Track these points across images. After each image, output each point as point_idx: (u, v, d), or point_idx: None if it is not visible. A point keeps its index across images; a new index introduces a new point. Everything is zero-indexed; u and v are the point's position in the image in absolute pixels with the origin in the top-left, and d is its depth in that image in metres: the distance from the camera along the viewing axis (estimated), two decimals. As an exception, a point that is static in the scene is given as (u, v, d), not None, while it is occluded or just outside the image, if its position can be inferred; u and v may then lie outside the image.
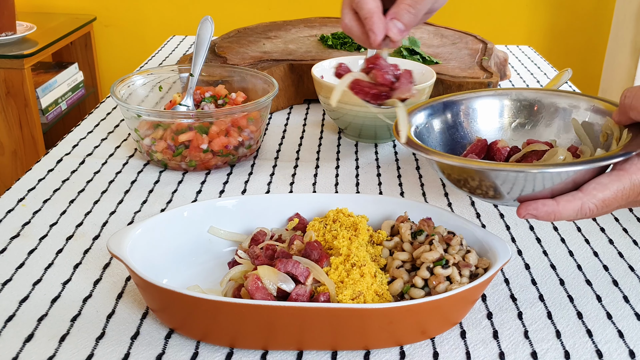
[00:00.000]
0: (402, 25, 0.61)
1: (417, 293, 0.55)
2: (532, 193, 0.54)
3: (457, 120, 0.70)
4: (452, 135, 0.69)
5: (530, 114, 0.70)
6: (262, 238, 0.61)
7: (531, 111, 0.70)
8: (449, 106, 0.69)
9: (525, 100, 0.70)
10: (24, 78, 1.86)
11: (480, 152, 0.67)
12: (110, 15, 2.35)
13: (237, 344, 0.53)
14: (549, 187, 0.54)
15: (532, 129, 0.70)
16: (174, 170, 0.85)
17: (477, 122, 0.70)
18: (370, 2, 0.60)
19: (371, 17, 0.60)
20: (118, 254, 0.54)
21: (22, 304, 0.58)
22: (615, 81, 2.21)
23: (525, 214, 0.55)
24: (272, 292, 0.53)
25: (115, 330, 0.55)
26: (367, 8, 0.60)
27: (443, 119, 0.69)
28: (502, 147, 0.67)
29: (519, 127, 0.70)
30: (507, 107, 0.71)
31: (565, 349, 0.54)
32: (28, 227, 0.71)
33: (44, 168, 0.85)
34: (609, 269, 0.66)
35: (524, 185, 0.54)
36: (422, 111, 0.68)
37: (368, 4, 0.60)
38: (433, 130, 0.68)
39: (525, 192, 0.54)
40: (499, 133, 0.71)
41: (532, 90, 0.71)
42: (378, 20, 0.60)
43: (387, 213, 0.65)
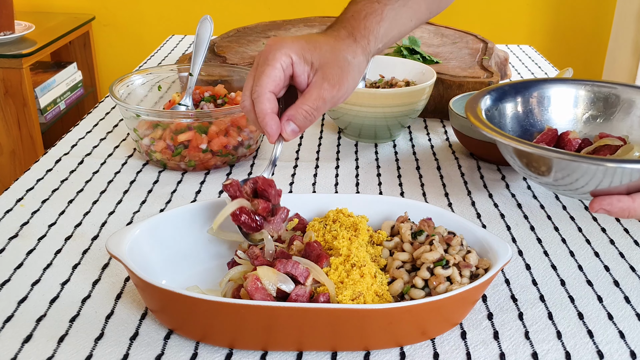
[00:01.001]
0: (296, 127, 0.63)
1: (417, 293, 0.55)
2: (608, 188, 0.54)
3: (528, 107, 0.69)
4: (521, 122, 0.68)
5: (605, 107, 0.69)
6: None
7: (606, 104, 0.69)
8: (521, 91, 0.68)
9: (600, 92, 0.69)
10: (23, 78, 1.86)
11: (550, 142, 0.66)
12: (109, 14, 2.35)
13: (236, 345, 0.53)
14: (625, 183, 0.53)
15: (605, 123, 0.69)
16: (173, 170, 0.85)
17: (549, 110, 0.69)
18: (265, 102, 0.61)
19: (263, 118, 0.61)
20: (117, 254, 0.54)
21: (20, 305, 0.58)
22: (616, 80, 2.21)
23: (598, 208, 0.54)
24: (271, 292, 0.53)
25: (114, 331, 0.55)
26: (260, 108, 0.61)
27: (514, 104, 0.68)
28: (574, 139, 0.65)
29: (590, 119, 0.70)
30: (582, 98, 0.69)
31: (566, 349, 0.54)
32: (26, 227, 0.70)
33: (43, 168, 0.84)
34: (610, 269, 0.66)
35: (601, 179, 0.53)
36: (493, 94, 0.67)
37: (262, 104, 0.61)
38: (503, 115, 0.67)
39: (601, 186, 0.54)
40: (570, 124, 0.69)
41: (610, 83, 0.70)
42: (271, 121, 0.61)
43: (387, 213, 0.65)
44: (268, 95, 0.61)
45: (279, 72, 0.61)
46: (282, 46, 0.61)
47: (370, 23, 0.67)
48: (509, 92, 0.68)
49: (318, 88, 0.62)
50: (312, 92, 0.62)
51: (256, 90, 0.61)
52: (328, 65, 0.63)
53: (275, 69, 0.61)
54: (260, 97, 0.61)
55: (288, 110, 0.62)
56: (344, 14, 0.69)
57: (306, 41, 0.63)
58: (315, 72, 0.63)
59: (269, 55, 0.61)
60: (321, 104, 0.62)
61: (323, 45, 0.63)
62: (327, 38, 0.65)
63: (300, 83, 0.63)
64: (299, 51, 0.62)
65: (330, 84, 0.62)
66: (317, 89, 0.62)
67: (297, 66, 0.62)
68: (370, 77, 1.04)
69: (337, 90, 0.63)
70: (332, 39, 0.65)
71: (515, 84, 0.69)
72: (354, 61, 0.65)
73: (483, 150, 0.87)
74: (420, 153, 0.92)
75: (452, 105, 0.90)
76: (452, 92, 1.01)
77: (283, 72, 0.61)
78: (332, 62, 0.63)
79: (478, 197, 0.79)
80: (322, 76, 0.62)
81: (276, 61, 0.61)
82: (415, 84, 0.98)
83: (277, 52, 0.61)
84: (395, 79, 1.02)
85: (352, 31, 0.66)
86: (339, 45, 0.64)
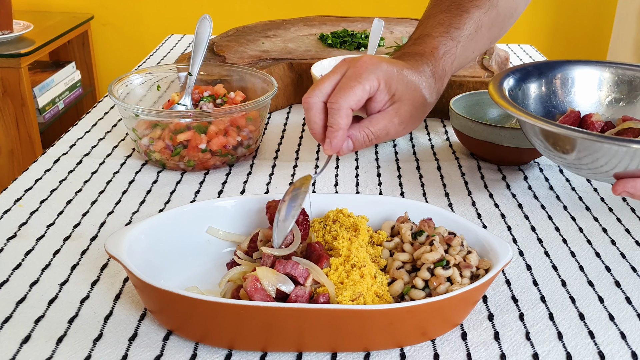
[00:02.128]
0: (352, 147, 0.64)
1: (417, 294, 0.55)
2: (632, 170, 0.53)
3: (551, 88, 0.68)
4: (544, 103, 0.68)
5: (629, 90, 0.69)
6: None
7: (630, 87, 0.69)
8: (544, 72, 0.68)
9: (624, 75, 0.69)
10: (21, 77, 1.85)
11: (572, 124, 0.65)
12: (108, 13, 2.35)
13: (236, 346, 0.53)
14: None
15: (628, 106, 0.68)
16: (172, 171, 0.84)
17: (571, 92, 0.69)
18: (343, 116, 0.61)
19: (336, 131, 0.61)
20: (115, 254, 0.54)
21: (18, 305, 0.58)
22: (618, 80, 2.21)
23: (621, 191, 0.55)
24: (271, 293, 0.52)
25: (113, 331, 0.55)
26: (337, 121, 0.61)
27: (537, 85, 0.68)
28: (596, 121, 0.65)
29: (613, 102, 0.69)
30: (606, 80, 0.69)
31: (567, 350, 0.54)
32: (25, 227, 0.70)
33: (41, 168, 0.84)
34: (611, 269, 0.65)
35: (626, 161, 0.53)
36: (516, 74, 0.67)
37: (340, 118, 0.61)
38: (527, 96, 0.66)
39: (625, 168, 0.53)
40: (593, 106, 0.69)
41: (635, 65, 0.69)
42: (341, 137, 0.62)
43: (387, 213, 0.64)
44: (348, 112, 0.61)
45: (364, 93, 0.62)
46: (377, 68, 0.62)
47: (447, 63, 0.68)
48: (532, 73, 0.67)
49: (388, 120, 0.63)
50: (380, 121, 0.63)
51: (338, 102, 0.61)
52: (407, 101, 0.64)
53: (363, 89, 0.61)
54: (340, 111, 0.61)
55: (351, 129, 0.63)
56: (423, 47, 0.68)
57: (397, 70, 0.63)
58: (392, 102, 0.63)
59: (363, 73, 0.62)
60: (383, 135, 0.64)
61: (410, 79, 0.64)
62: (414, 72, 0.65)
63: (373, 108, 0.63)
64: (388, 79, 0.62)
65: (400, 120, 0.64)
66: (386, 120, 0.63)
67: (380, 93, 0.63)
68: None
69: (404, 128, 0.64)
70: (418, 74, 0.65)
71: (538, 64, 0.68)
72: (427, 104, 0.66)
73: (483, 150, 0.86)
74: (421, 153, 0.92)
75: (453, 105, 0.89)
76: (453, 92, 1.01)
77: (368, 95, 0.62)
78: (412, 99, 0.64)
79: (478, 197, 0.79)
80: (396, 110, 0.63)
81: (366, 82, 0.61)
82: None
83: (371, 74, 0.61)
84: (395, 78, 1.01)
85: (434, 70, 0.67)
86: (422, 83, 0.65)
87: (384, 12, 2.29)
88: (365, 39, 1.21)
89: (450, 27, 0.68)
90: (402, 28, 1.31)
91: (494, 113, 0.95)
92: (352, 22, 1.36)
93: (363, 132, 0.63)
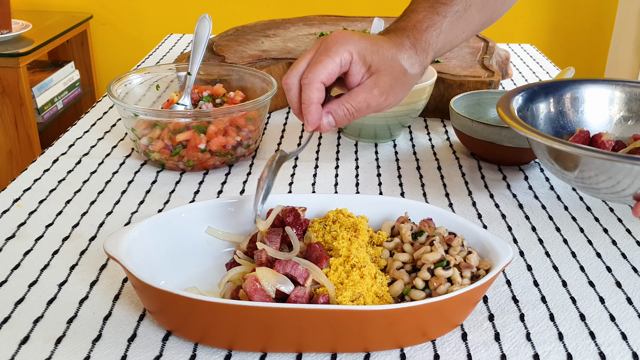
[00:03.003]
0: (334, 122, 0.63)
1: (417, 294, 0.55)
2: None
3: (559, 108, 0.68)
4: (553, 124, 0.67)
5: (638, 108, 0.68)
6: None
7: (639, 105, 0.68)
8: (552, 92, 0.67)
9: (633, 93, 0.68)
10: (20, 77, 1.85)
11: (582, 144, 0.64)
12: (107, 13, 2.34)
13: (235, 346, 0.53)
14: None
15: (637, 124, 0.67)
16: (171, 171, 0.84)
17: (580, 112, 0.68)
18: (314, 90, 0.61)
19: (308, 105, 0.61)
20: (115, 255, 0.54)
21: (17, 306, 0.57)
22: (619, 79, 2.21)
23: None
24: (270, 294, 0.52)
25: (112, 332, 0.55)
26: (308, 95, 0.61)
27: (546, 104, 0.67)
28: (607, 141, 0.64)
29: (621, 120, 0.69)
30: (615, 99, 0.68)
31: (567, 351, 0.54)
32: (23, 227, 0.70)
33: (40, 168, 0.84)
34: (612, 270, 0.65)
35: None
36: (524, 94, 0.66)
37: (311, 92, 0.61)
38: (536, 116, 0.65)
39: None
40: (603, 126, 0.68)
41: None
42: (314, 110, 0.61)
43: (387, 213, 0.64)
44: (318, 85, 0.61)
45: (335, 66, 0.61)
46: (347, 41, 0.61)
47: (431, 36, 0.67)
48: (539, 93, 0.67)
49: (367, 92, 0.62)
50: (359, 94, 0.62)
51: (308, 77, 0.61)
52: (385, 72, 0.63)
53: (334, 62, 0.61)
54: (310, 85, 0.61)
55: (330, 103, 0.62)
56: (405, 22, 0.68)
57: (370, 43, 0.62)
58: (370, 75, 0.62)
59: (332, 46, 0.61)
60: (364, 107, 0.63)
61: (386, 51, 0.63)
62: (390, 44, 0.64)
63: (352, 82, 0.63)
64: (362, 51, 0.61)
65: (380, 91, 0.62)
66: (365, 92, 0.62)
67: (354, 65, 0.62)
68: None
69: (385, 99, 0.63)
70: (395, 46, 0.64)
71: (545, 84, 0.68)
72: (409, 73, 0.65)
73: (484, 150, 0.86)
74: (421, 153, 0.91)
75: (453, 105, 0.89)
76: (453, 92, 1.01)
77: (339, 68, 0.61)
78: (390, 69, 0.63)
79: (479, 198, 0.79)
80: (374, 81, 0.62)
81: (337, 55, 0.61)
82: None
83: (341, 47, 0.61)
84: (395, 78, 1.01)
85: (415, 42, 0.66)
86: (401, 54, 0.64)
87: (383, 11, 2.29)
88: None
89: (435, 3, 0.68)
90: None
91: (494, 113, 0.95)
92: (352, 21, 1.36)
93: (343, 106, 0.62)
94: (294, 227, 0.59)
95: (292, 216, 0.60)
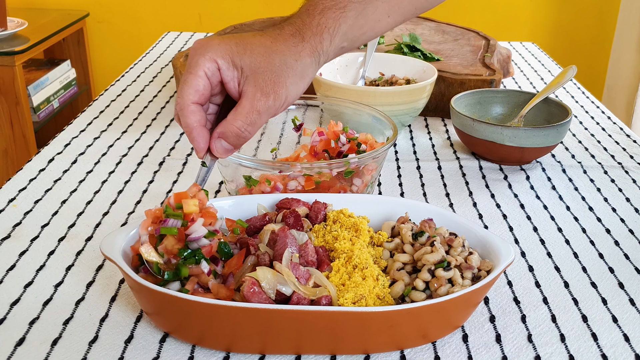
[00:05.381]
0: (229, 146, 0.58)
1: (418, 296, 0.54)
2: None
3: None
4: None
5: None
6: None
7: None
8: None
9: None
10: (15, 75, 1.84)
11: None
12: (104, 11, 2.33)
13: (233, 348, 0.52)
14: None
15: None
16: (168, 170, 0.84)
17: None
18: (189, 115, 0.56)
19: (190, 132, 0.57)
20: (111, 255, 0.53)
21: (13, 307, 0.57)
22: (621, 78, 2.21)
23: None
24: (270, 295, 0.52)
25: (109, 334, 0.54)
26: (185, 122, 0.56)
27: None
28: None
29: None
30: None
31: (569, 352, 0.53)
32: (19, 228, 0.69)
33: (35, 168, 0.83)
34: (614, 271, 0.65)
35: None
36: None
37: (186, 118, 0.56)
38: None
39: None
40: None
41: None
42: (197, 136, 0.56)
43: (387, 214, 0.64)
44: (192, 108, 0.56)
45: (202, 80, 0.55)
46: (207, 50, 0.56)
47: (327, 19, 0.60)
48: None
49: (250, 99, 0.56)
50: (244, 105, 0.56)
51: (179, 103, 0.56)
52: (260, 71, 0.56)
53: (199, 77, 0.55)
54: (184, 111, 0.56)
55: (219, 127, 0.57)
56: (299, 10, 0.62)
57: (236, 43, 0.57)
58: (245, 78, 0.56)
59: (192, 60, 0.56)
60: (255, 118, 0.56)
61: (256, 48, 0.57)
62: (263, 39, 0.58)
63: (231, 90, 0.57)
64: (226, 55, 0.56)
65: (263, 93, 0.56)
66: (249, 100, 0.56)
67: (224, 72, 0.56)
68: (370, 75, 1.03)
69: (273, 100, 0.56)
70: (270, 39, 0.58)
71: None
72: (295, 64, 0.58)
73: (485, 150, 0.86)
74: (421, 152, 0.91)
75: (454, 104, 0.89)
76: (454, 90, 1.00)
77: (208, 81, 0.56)
78: (265, 67, 0.56)
79: (480, 198, 0.79)
80: (253, 84, 0.56)
81: (199, 68, 0.55)
82: (415, 82, 0.98)
83: (201, 58, 0.55)
84: (396, 77, 1.01)
85: (300, 28, 0.59)
86: (277, 47, 0.58)
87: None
88: (363, 37, 1.20)
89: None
90: (402, 25, 1.31)
91: (495, 112, 0.95)
92: (350, 20, 1.35)
93: (232, 126, 0.56)
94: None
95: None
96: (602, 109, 1.09)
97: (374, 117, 0.78)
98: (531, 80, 1.23)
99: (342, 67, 1.02)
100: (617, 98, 2.23)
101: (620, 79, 2.21)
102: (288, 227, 0.58)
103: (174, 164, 0.86)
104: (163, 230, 0.53)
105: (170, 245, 0.53)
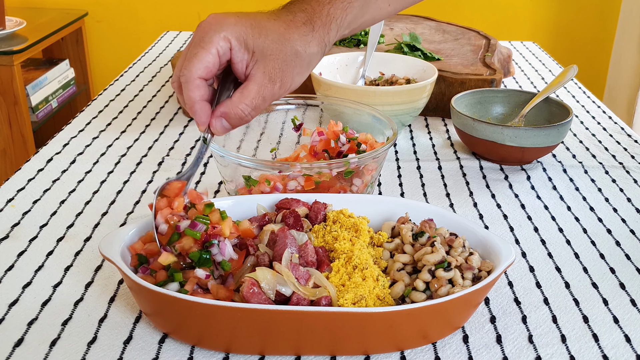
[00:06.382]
0: (229, 125, 0.58)
1: (418, 296, 0.54)
2: None
3: None
4: None
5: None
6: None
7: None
8: None
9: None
10: (14, 75, 1.84)
11: None
12: (102, 10, 2.33)
13: (232, 349, 0.52)
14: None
15: None
16: (167, 170, 0.83)
17: None
18: (193, 89, 0.55)
19: (192, 106, 0.56)
20: (110, 256, 0.53)
21: (11, 308, 0.57)
22: (622, 78, 2.20)
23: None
24: (270, 296, 0.51)
25: (108, 334, 0.54)
26: (188, 95, 0.56)
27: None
28: None
29: None
30: None
31: (570, 353, 0.53)
32: (17, 228, 0.69)
33: (34, 168, 0.83)
34: (615, 271, 0.65)
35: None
36: None
37: (190, 91, 0.55)
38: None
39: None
40: None
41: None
42: (200, 110, 0.56)
43: (387, 214, 0.63)
44: (197, 82, 0.56)
45: (213, 57, 0.55)
46: (222, 28, 0.55)
47: (336, 10, 0.60)
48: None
49: (258, 84, 0.56)
50: (250, 88, 0.56)
51: (184, 74, 0.56)
52: (271, 57, 0.56)
53: (210, 54, 0.55)
54: (189, 84, 0.56)
55: (222, 106, 0.57)
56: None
57: (251, 25, 0.56)
58: (255, 62, 0.56)
59: (205, 36, 0.55)
60: (260, 102, 0.57)
61: (270, 33, 0.57)
62: (278, 24, 0.58)
63: (238, 71, 0.57)
64: (241, 36, 0.55)
65: (271, 79, 0.56)
66: (256, 84, 0.56)
67: (235, 53, 0.56)
68: (370, 74, 1.02)
69: (279, 87, 0.57)
70: (284, 25, 0.58)
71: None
72: (304, 53, 0.58)
73: (485, 150, 0.86)
74: (421, 152, 0.91)
75: (454, 103, 0.89)
76: (454, 90, 1.00)
77: (218, 59, 0.55)
78: (277, 53, 0.56)
79: (480, 198, 0.78)
80: (262, 69, 0.56)
81: (212, 45, 0.55)
82: (416, 82, 0.97)
83: (215, 36, 0.55)
84: (396, 76, 1.00)
85: (311, 17, 0.59)
86: (290, 34, 0.57)
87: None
88: (364, 36, 1.20)
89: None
90: (402, 25, 1.30)
91: (496, 111, 0.95)
92: (349, 19, 1.35)
93: (237, 108, 0.56)
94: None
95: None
96: (603, 109, 1.08)
97: (374, 117, 0.78)
98: (532, 80, 1.23)
99: (342, 67, 1.02)
100: (618, 98, 2.23)
101: (621, 79, 2.21)
102: (288, 227, 0.58)
103: (173, 164, 0.85)
104: (188, 232, 0.54)
105: (187, 246, 0.54)
